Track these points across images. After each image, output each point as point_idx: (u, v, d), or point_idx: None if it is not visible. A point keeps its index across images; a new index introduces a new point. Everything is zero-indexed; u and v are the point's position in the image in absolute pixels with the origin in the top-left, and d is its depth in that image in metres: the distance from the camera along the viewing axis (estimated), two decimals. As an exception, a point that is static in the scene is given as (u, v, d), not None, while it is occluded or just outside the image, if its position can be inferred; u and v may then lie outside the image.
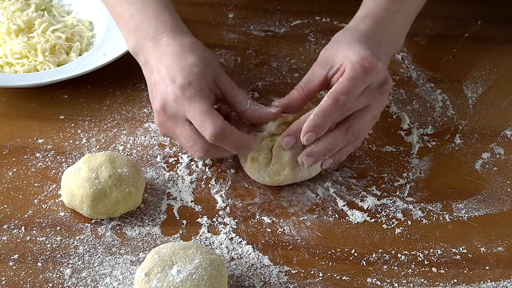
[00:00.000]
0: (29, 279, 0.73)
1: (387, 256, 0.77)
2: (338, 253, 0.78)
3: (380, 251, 0.78)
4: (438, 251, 0.78)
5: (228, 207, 0.81)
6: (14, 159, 0.85)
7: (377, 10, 0.87)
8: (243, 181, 0.84)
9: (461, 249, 0.79)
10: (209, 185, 0.83)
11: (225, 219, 0.80)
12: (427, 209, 0.82)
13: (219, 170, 0.85)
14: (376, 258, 0.77)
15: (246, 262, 0.76)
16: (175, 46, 0.81)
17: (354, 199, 0.83)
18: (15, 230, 0.77)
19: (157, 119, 0.81)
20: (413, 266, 0.77)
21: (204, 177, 0.84)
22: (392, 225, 0.81)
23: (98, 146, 0.87)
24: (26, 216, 0.79)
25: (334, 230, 0.80)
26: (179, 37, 0.83)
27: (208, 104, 0.77)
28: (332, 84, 0.80)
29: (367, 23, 0.85)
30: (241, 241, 0.78)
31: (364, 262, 0.77)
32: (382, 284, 0.75)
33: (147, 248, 0.76)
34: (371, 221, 0.81)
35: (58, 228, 0.78)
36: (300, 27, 1.07)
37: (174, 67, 0.79)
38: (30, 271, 0.73)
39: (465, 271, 0.76)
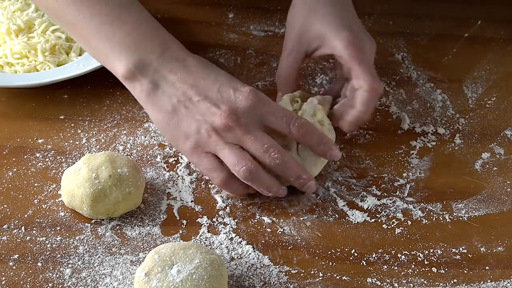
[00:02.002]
0: (29, 279, 0.73)
1: (387, 256, 0.77)
2: (338, 253, 0.78)
3: (380, 251, 0.78)
4: (438, 251, 0.78)
5: (228, 207, 0.81)
6: (14, 159, 0.85)
7: None
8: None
9: (461, 249, 0.79)
10: (209, 185, 0.83)
11: (225, 219, 0.80)
12: (427, 209, 0.83)
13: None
14: (376, 258, 0.77)
15: (246, 262, 0.76)
16: (194, 60, 0.78)
17: (354, 199, 0.83)
18: (15, 230, 0.77)
19: (208, 132, 0.75)
20: (413, 266, 0.77)
21: (204, 177, 0.84)
22: (392, 225, 0.81)
23: (98, 146, 0.87)
24: (26, 216, 0.79)
25: (334, 230, 0.80)
26: (189, 53, 0.80)
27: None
28: (314, 58, 0.90)
29: None
30: (241, 241, 0.78)
31: (364, 262, 0.77)
32: (382, 284, 0.75)
33: (147, 248, 0.76)
34: (371, 221, 0.81)
35: (58, 228, 0.78)
36: (300, 27, 1.07)
37: (216, 78, 0.77)
38: (30, 271, 0.73)
39: (465, 271, 0.76)
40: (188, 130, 0.77)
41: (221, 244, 0.77)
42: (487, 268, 0.77)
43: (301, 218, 0.81)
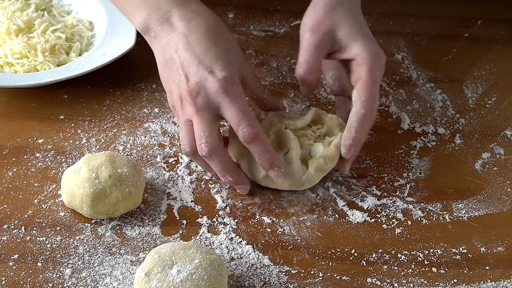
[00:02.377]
0: (29, 279, 0.73)
1: (387, 256, 0.77)
2: (338, 253, 0.78)
3: (380, 251, 0.78)
4: (438, 251, 0.78)
5: (228, 207, 0.81)
6: (14, 159, 0.85)
7: None
8: (243, 181, 0.84)
9: (461, 249, 0.79)
10: (209, 185, 0.83)
11: (225, 219, 0.80)
12: (427, 209, 0.83)
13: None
14: (376, 258, 0.77)
15: (246, 262, 0.76)
16: (200, 22, 0.79)
17: (354, 199, 0.83)
18: (15, 230, 0.77)
19: (177, 98, 0.79)
20: (413, 266, 0.77)
21: (204, 177, 0.84)
22: (392, 225, 0.81)
23: (98, 146, 0.87)
24: (26, 216, 0.79)
25: (334, 230, 0.80)
26: (200, 12, 0.81)
27: (247, 104, 0.78)
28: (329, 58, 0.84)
29: None
30: (241, 241, 0.78)
31: (364, 262, 0.77)
32: (382, 284, 0.75)
33: (147, 248, 0.76)
34: (371, 221, 0.81)
35: (58, 228, 0.78)
36: (300, 27, 1.07)
37: (207, 51, 0.78)
38: (30, 271, 0.73)
39: (465, 271, 0.76)
40: (169, 88, 0.81)
41: (221, 244, 0.77)
42: (487, 268, 0.77)
43: (301, 218, 0.81)
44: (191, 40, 0.78)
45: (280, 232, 0.79)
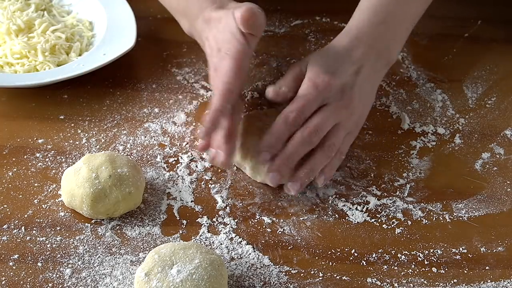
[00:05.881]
0: (29, 279, 0.73)
1: (387, 256, 0.77)
2: (338, 253, 0.78)
3: (380, 251, 0.78)
4: (438, 251, 0.78)
5: (228, 207, 0.81)
6: (14, 159, 0.85)
7: (357, 24, 0.87)
8: (243, 181, 0.84)
9: (461, 249, 0.79)
10: (209, 185, 0.83)
11: (225, 219, 0.80)
12: (427, 209, 0.83)
13: (219, 170, 0.85)
14: (376, 258, 0.77)
15: (246, 262, 0.76)
16: (221, 17, 0.84)
17: (354, 199, 0.83)
18: (15, 230, 0.77)
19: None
20: (413, 266, 0.77)
21: (204, 177, 0.84)
22: (392, 225, 0.81)
23: (98, 146, 0.87)
24: (26, 216, 0.79)
25: (334, 230, 0.80)
26: (221, 9, 0.85)
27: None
28: None
29: (346, 38, 0.87)
30: (241, 241, 0.78)
31: (364, 262, 0.77)
32: (382, 284, 0.75)
33: (147, 248, 0.76)
34: (371, 221, 0.81)
35: (58, 228, 0.78)
36: (300, 27, 1.07)
37: (219, 34, 0.84)
38: (30, 271, 0.73)
39: (465, 271, 0.76)
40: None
41: (221, 244, 0.77)
42: (487, 268, 0.77)
43: (301, 218, 0.81)
44: (213, 31, 0.85)
45: (280, 232, 0.79)
